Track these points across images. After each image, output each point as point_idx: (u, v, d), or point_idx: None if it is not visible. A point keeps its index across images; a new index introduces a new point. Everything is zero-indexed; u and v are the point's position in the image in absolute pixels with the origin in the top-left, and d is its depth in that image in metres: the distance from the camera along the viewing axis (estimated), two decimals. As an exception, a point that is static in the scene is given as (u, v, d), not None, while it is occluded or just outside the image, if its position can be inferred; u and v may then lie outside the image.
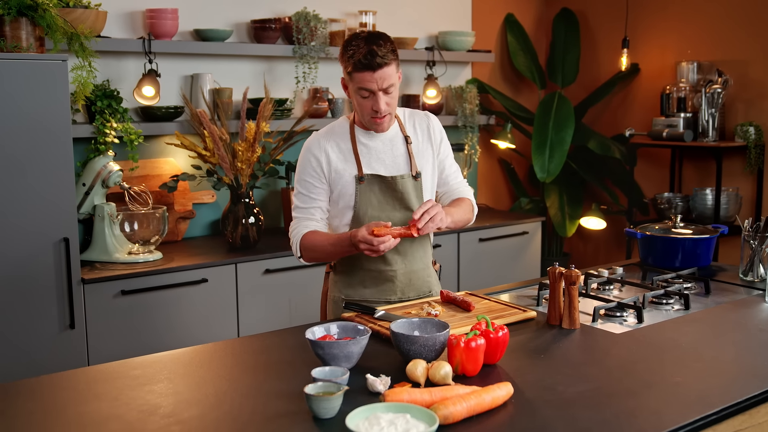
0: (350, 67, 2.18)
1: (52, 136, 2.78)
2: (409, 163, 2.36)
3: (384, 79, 2.18)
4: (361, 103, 2.23)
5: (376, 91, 2.19)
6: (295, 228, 2.34)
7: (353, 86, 2.22)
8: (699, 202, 4.29)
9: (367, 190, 2.30)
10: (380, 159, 2.33)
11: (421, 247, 2.42)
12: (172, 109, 3.57)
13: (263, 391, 1.68)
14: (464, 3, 4.77)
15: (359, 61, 2.15)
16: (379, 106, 2.21)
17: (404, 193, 2.33)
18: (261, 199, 3.97)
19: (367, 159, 2.32)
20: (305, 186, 2.33)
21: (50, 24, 2.83)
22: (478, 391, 1.54)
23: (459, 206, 2.42)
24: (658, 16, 4.67)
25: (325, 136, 2.34)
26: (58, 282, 2.84)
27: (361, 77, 2.17)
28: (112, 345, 3.02)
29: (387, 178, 2.31)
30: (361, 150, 2.32)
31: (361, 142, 2.33)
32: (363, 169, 2.31)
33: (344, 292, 2.39)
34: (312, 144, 2.33)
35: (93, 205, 3.29)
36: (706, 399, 1.62)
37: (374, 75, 2.16)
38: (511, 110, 4.85)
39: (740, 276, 2.72)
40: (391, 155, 2.34)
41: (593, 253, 5.21)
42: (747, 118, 4.27)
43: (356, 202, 2.30)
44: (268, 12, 3.94)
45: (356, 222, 2.32)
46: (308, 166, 2.32)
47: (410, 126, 2.41)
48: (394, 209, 2.34)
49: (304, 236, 2.30)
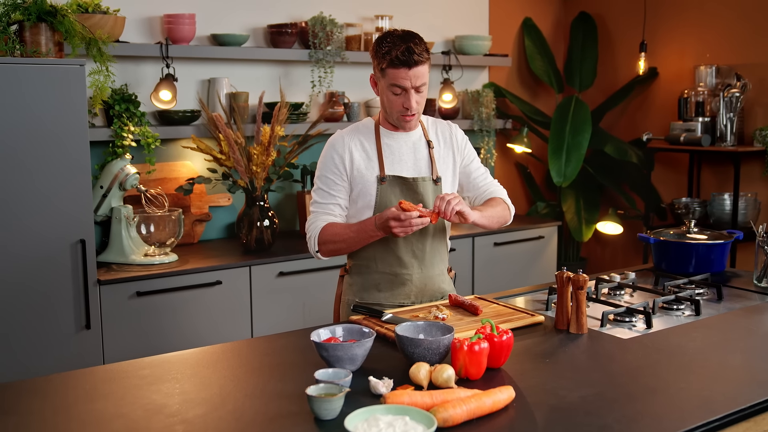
0: (385, 63, 2.19)
1: (70, 139, 2.83)
2: (430, 166, 2.38)
3: (418, 77, 2.20)
4: (393, 99, 2.25)
5: (409, 88, 2.21)
6: (312, 222, 2.33)
7: (385, 82, 2.23)
8: (717, 207, 4.25)
9: (388, 190, 2.32)
10: (403, 160, 2.35)
11: (437, 253, 2.42)
12: (188, 113, 3.61)
13: (267, 391, 1.70)
14: (481, 7, 4.78)
15: (396, 58, 2.17)
16: (411, 104, 2.23)
17: (424, 195, 2.35)
18: (276, 202, 4.00)
19: (390, 160, 2.33)
20: (326, 182, 2.33)
21: (69, 29, 2.88)
22: (479, 395, 1.55)
23: (491, 205, 2.42)
24: (677, 20, 4.64)
25: (350, 134, 2.35)
26: (75, 283, 2.89)
27: (396, 74, 2.19)
28: (127, 346, 3.06)
29: (409, 180, 2.33)
30: (384, 150, 2.34)
31: (385, 142, 2.35)
32: (385, 170, 2.32)
33: (358, 295, 2.39)
34: (336, 141, 2.34)
35: (110, 207, 3.34)
36: (709, 405, 1.61)
37: (409, 72, 2.19)
38: (528, 114, 4.84)
39: (754, 282, 2.70)
40: (414, 158, 2.37)
41: (610, 258, 5.18)
42: (766, 123, 4.22)
43: (377, 203, 2.32)
44: (285, 17, 3.97)
45: None
46: (330, 162, 2.32)
47: (433, 132, 2.44)
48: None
49: (323, 229, 2.29)
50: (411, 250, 2.35)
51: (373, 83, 2.32)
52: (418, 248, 2.37)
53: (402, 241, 2.33)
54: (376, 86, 2.31)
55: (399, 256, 2.35)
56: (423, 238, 2.37)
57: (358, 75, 4.21)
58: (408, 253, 2.35)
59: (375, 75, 2.29)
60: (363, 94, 4.25)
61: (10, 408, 1.64)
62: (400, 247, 2.34)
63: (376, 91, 2.32)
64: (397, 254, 2.35)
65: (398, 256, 2.35)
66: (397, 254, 2.35)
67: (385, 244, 2.34)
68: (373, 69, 2.29)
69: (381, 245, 2.34)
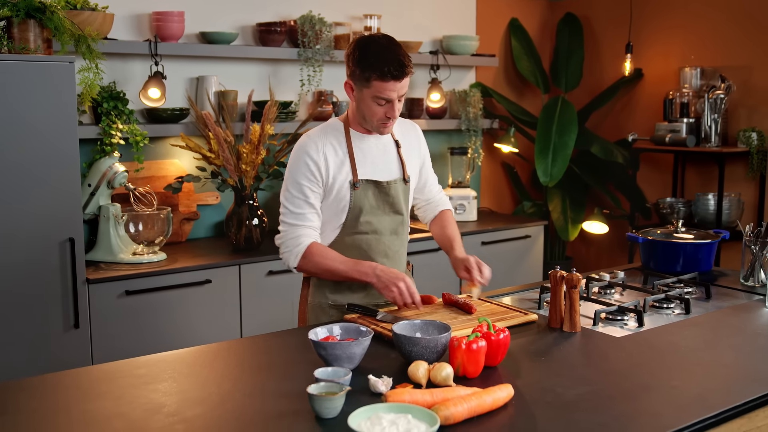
0: (374, 75, 2.12)
1: (59, 137, 2.81)
2: (401, 167, 2.37)
3: (403, 87, 2.17)
4: (375, 109, 2.19)
5: (394, 98, 2.17)
6: (292, 236, 2.24)
7: (369, 93, 2.16)
8: (701, 207, 4.30)
9: (362, 195, 2.29)
10: (374, 163, 2.32)
11: (403, 248, 2.44)
12: (177, 111, 3.59)
13: (266, 390, 1.70)
14: (469, 7, 4.79)
15: (388, 71, 2.11)
16: (394, 113, 2.20)
17: (395, 197, 2.34)
18: (264, 201, 3.99)
19: (362, 163, 2.29)
20: (300, 189, 2.23)
21: (58, 26, 2.85)
22: (479, 393, 1.56)
23: (451, 227, 2.50)
24: (662, 22, 4.69)
25: (321, 137, 2.27)
26: (63, 282, 2.86)
27: (384, 86, 2.13)
28: (116, 345, 3.04)
29: (382, 183, 2.31)
30: (356, 154, 2.29)
31: (356, 145, 2.30)
32: (358, 174, 2.28)
33: (331, 297, 2.36)
34: (308, 145, 2.25)
35: (98, 205, 3.32)
36: (704, 402, 1.64)
37: (397, 84, 2.15)
38: (515, 114, 4.87)
39: (741, 281, 2.74)
40: (384, 159, 2.34)
41: (595, 257, 5.22)
42: (749, 124, 4.28)
43: (350, 207, 2.28)
44: (274, 15, 3.96)
45: (347, 226, 2.31)
46: (305, 168, 2.22)
47: (398, 132, 2.42)
48: (384, 213, 2.34)
49: (310, 248, 2.22)
50: (383, 250, 2.35)
51: (349, 89, 2.23)
52: (390, 248, 2.37)
53: (374, 241, 2.33)
54: (353, 92, 2.22)
55: (372, 257, 2.33)
56: (394, 237, 2.38)
57: (348, 74, 4.19)
58: (380, 253, 2.35)
59: (353, 83, 2.20)
60: (351, 93, 4.25)
61: (6, 408, 1.62)
62: (373, 248, 2.33)
63: (351, 96, 2.24)
64: (370, 255, 2.33)
65: (371, 257, 2.33)
66: (369, 255, 2.33)
67: (357, 245, 2.32)
68: (351, 76, 2.20)
69: (352, 246, 2.32)
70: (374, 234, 2.33)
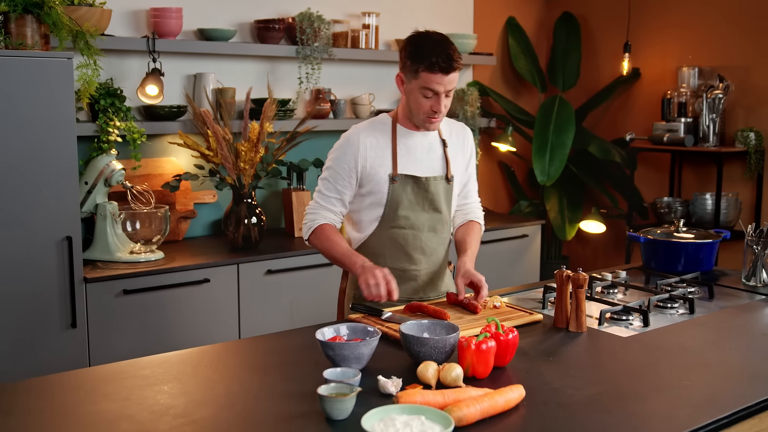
0: (422, 67, 2.19)
1: (57, 134, 2.77)
2: (445, 165, 2.40)
3: (451, 83, 2.22)
4: (421, 102, 2.25)
5: (441, 93, 2.22)
6: (314, 212, 2.36)
7: (417, 84, 2.22)
8: (699, 206, 4.31)
9: (400, 189, 2.33)
10: (417, 159, 2.36)
11: (442, 247, 2.44)
12: (175, 109, 3.56)
13: (274, 391, 1.68)
14: (466, 6, 4.78)
15: (437, 63, 2.17)
16: (440, 107, 2.25)
17: (435, 194, 2.37)
18: (262, 199, 3.97)
19: (404, 158, 2.34)
20: (333, 175, 2.34)
21: (56, 21, 2.81)
22: (492, 394, 1.54)
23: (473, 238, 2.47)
24: (660, 21, 4.69)
25: (366, 131, 2.35)
26: (61, 281, 2.83)
27: (432, 78, 2.19)
28: (114, 344, 3.01)
29: (421, 179, 2.35)
30: (400, 149, 2.34)
31: (401, 141, 2.35)
32: (398, 169, 2.33)
33: (359, 292, 2.37)
34: (352, 138, 2.34)
35: (95, 203, 3.28)
36: (716, 403, 1.63)
37: (445, 78, 2.20)
38: (512, 113, 4.86)
39: (743, 281, 2.74)
40: (428, 157, 2.38)
41: (592, 257, 5.22)
42: (747, 124, 4.29)
43: (388, 201, 2.33)
44: (272, 12, 3.94)
45: (385, 220, 2.35)
46: (343, 157, 2.32)
47: (447, 132, 2.45)
48: (423, 210, 2.37)
49: (321, 228, 2.32)
50: (420, 247, 2.37)
51: (399, 82, 2.31)
52: (427, 245, 2.38)
53: (411, 237, 2.35)
54: (402, 85, 2.30)
55: (408, 252, 2.36)
56: (432, 234, 2.39)
57: (344, 72, 4.18)
58: (417, 249, 2.37)
59: (404, 75, 2.28)
60: (349, 91, 4.23)
61: (10, 409, 1.59)
62: (410, 243, 2.36)
63: (401, 90, 2.31)
64: (407, 251, 2.36)
65: (407, 252, 2.36)
66: (406, 251, 2.36)
67: (394, 239, 2.36)
68: (402, 69, 2.28)
69: (389, 241, 2.36)
70: (411, 230, 2.36)
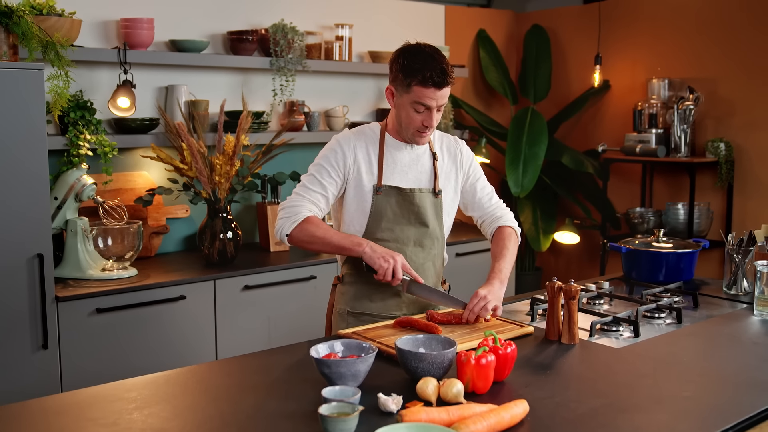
0: (415, 81, 2.16)
1: (27, 147, 2.68)
2: (432, 179, 2.36)
3: (443, 97, 2.19)
4: (413, 116, 2.22)
5: (433, 107, 2.19)
6: (295, 204, 2.24)
7: (408, 99, 2.19)
8: (672, 216, 4.35)
9: (384, 201, 2.29)
10: (404, 171, 2.32)
11: (430, 263, 2.39)
12: (147, 121, 3.47)
13: (269, 411, 1.62)
14: (438, 18, 4.78)
15: (430, 77, 2.14)
16: (431, 122, 2.22)
17: (421, 207, 2.32)
18: (236, 213, 3.89)
19: (390, 169, 2.30)
20: (320, 171, 2.28)
21: (25, 31, 2.73)
22: (497, 410, 1.50)
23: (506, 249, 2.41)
24: (628, 33, 4.74)
25: (357, 136, 2.32)
26: (31, 300, 2.72)
27: (424, 92, 2.16)
28: (87, 366, 2.90)
29: (405, 191, 2.31)
30: (386, 159, 2.31)
31: (389, 151, 2.32)
32: (383, 180, 2.29)
33: (350, 305, 2.36)
34: (344, 138, 2.31)
35: (65, 219, 3.17)
36: (719, 414, 1.62)
37: (438, 92, 2.17)
38: (484, 125, 4.86)
39: (724, 289, 2.75)
40: (416, 170, 2.34)
41: (565, 268, 5.24)
42: (717, 135, 4.35)
43: (371, 212, 2.29)
44: (245, 23, 3.88)
45: (369, 232, 2.30)
46: (332, 155, 2.28)
47: (438, 145, 2.41)
48: (409, 223, 2.33)
49: (307, 219, 2.21)
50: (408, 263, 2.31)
51: (389, 95, 2.28)
52: (412, 260, 2.33)
53: (395, 250, 2.29)
54: (393, 98, 2.27)
55: None
56: (419, 249, 2.35)
57: (318, 84, 4.14)
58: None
59: (394, 88, 2.24)
60: (323, 103, 4.19)
61: (-9, 437, 1.51)
62: None
63: (391, 102, 2.28)
64: None
65: None
66: None
67: None
68: (393, 81, 2.24)
69: None
70: (395, 243, 2.32)
